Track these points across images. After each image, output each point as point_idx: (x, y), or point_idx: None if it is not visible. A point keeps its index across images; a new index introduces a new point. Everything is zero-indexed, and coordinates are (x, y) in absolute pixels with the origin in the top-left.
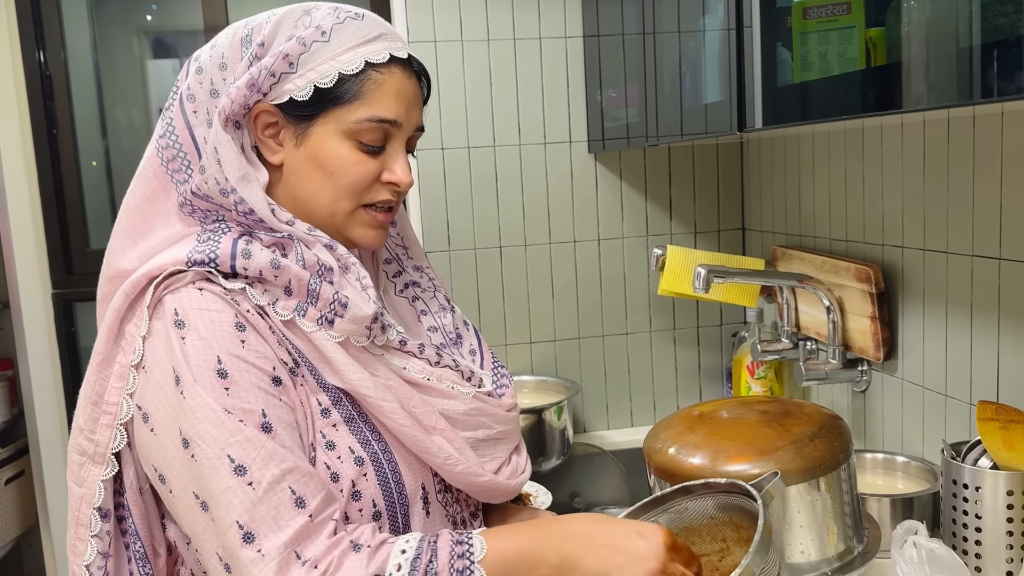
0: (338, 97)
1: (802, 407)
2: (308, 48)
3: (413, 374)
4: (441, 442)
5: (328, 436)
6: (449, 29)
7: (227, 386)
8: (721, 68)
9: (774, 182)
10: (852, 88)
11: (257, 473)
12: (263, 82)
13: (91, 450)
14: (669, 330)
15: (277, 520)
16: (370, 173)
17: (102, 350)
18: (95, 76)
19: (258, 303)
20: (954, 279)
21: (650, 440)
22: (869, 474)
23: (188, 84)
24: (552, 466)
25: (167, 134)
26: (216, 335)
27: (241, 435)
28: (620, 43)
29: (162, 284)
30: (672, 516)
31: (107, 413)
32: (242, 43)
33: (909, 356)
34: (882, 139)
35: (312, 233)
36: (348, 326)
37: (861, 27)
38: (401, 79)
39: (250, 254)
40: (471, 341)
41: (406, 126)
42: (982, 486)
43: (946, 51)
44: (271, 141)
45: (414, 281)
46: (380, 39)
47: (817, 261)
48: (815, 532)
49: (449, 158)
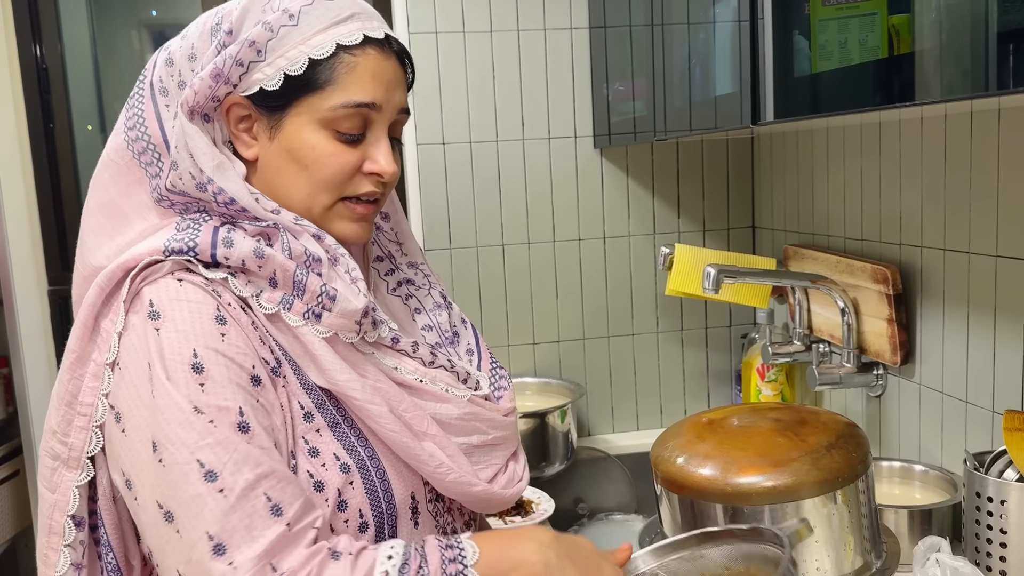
0: (310, 84)
1: (818, 415)
2: (276, 33)
3: (405, 375)
4: (432, 449)
5: (311, 442)
6: (451, 20)
7: (202, 381)
8: (733, 59)
9: (786, 178)
10: (874, 78)
11: (229, 479)
12: (230, 72)
13: (65, 454)
14: (676, 331)
15: (251, 530)
16: (349, 164)
17: (76, 347)
18: (94, 70)
19: (241, 295)
20: (976, 280)
21: (657, 448)
22: (885, 483)
23: (160, 76)
24: (555, 471)
25: (136, 126)
26: (194, 327)
27: (212, 437)
28: (627, 35)
29: (139, 276)
30: (683, 563)
31: (81, 415)
32: (211, 32)
33: (927, 360)
34: (900, 134)
35: (299, 222)
36: (336, 320)
37: (884, 14)
38: (377, 60)
39: (232, 242)
40: (468, 340)
41: (386, 109)
42: (1007, 499)
43: (976, 38)
44: (245, 135)
45: (408, 279)
46: (352, 19)
47: (831, 261)
48: (831, 547)
49: (451, 153)
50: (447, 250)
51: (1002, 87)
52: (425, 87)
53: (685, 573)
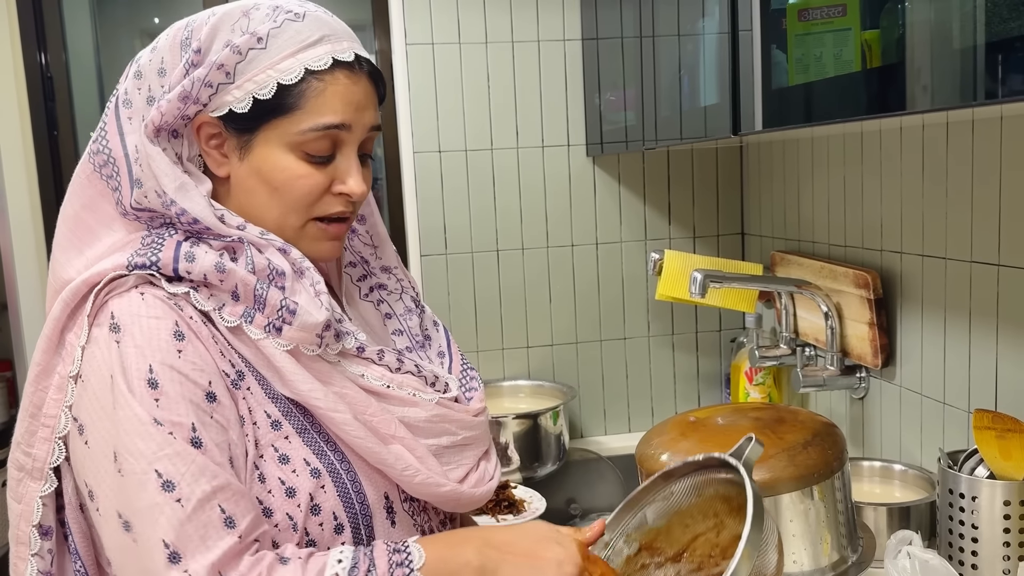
0: (278, 108)
1: (796, 414)
2: (244, 56)
3: (371, 382)
4: (400, 451)
5: (281, 449)
6: (447, 31)
7: (157, 397)
8: (719, 71)
9: (773, 187)
10: (847, 91)
11: (187, 489)
12: (199, 93)
13: (29, 465)
14: (667, 335)
15: (205, 540)
16: (319, 186)
17: (40, 360)
18: (97, 78)
19: (203, 308)
20: (952, 285)
21: (643, 446)
22: (867, 482)
23: (126, 88)
24: (548, 472)
25: (99, 139)
26: (151, 343)
27: (171, 448)
28: (619, 46)
29: (103, 290)
30: (659, 504)
31: (45, 426)
32: (181, 47)
33: (907, 363)
34: (881, 143)
35: (264, 236)
36: (296, 334)
37: (857, 29)
38: (346, 84)
39: (194, 257)
40: (440, 343)
41: (356, 128)
42: (979, 496)
43: (942, 53)
44: (216, 153)
45: (380, 283)
46: (321, 42)
47: (815, 266)
48: (808, 541)
49: (446, 161)
50: (443, 255)
51: (964, 100)
52: (421, 96)
53: (663, 513)
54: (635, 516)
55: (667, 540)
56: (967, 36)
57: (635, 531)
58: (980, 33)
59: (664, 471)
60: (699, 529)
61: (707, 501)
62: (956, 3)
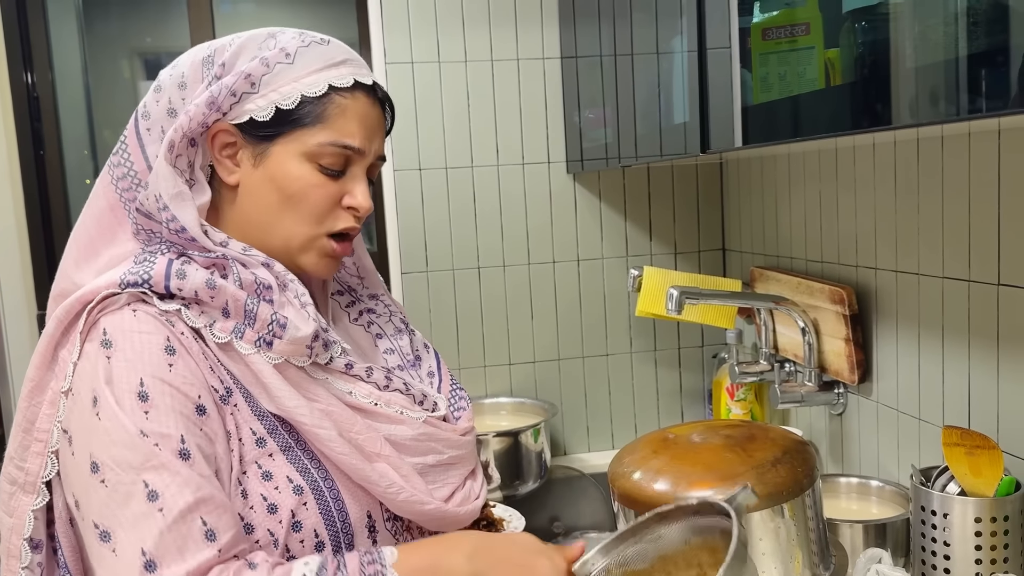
0: (300, 119)
1: (767, 431)
2: (271, 69)
3: (359, 399)
4: (385, 469)
5: (264, 466)
6: (426, 50)
7: (147, 409)
8: (689, 89)
9: (752, 203)
10: (811, 109)
11: (170, 500)
12: (223, 101)
13: (21, 479)
14: (650, 351)
15: (183, 551)
16: (330, 196)
17: (34, 376)
18: (85, 97)
19: (194, 325)
20: (925, 301)
21: (615, 465)
22: (844, 499)
23: (145, 101)
24: (529, 490)
25: (120, 151)
26: (142, 356)
27: (156, 460)
28: (598, 64)
29: (96, 308)
30: (646, 546)
31: (38, 440)
32: (203, 63)
33: (883, 379)
34: (855, 160)
35: (247, 253)
36: (287, 347)
37: (820, 48)
38: (365, 105)
39: (185, 274)
40: (430, 363)
41: (368, 154)
42: (950, 512)
43: (896, 72)
44: (228, 161)
45: (369, 308)
46: (345, 64)
47: (793, 282)
48: (779, 560)
49: (427, 179)
50: (424, 273)
51: (922, 118)
52: (402, 115)
53: (648, 555)
54: (620, 553)
55: None
56: (919, 56)
57: (617, 568)
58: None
59: (657, 511)
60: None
61: (693, 550)
62: (911, 23)
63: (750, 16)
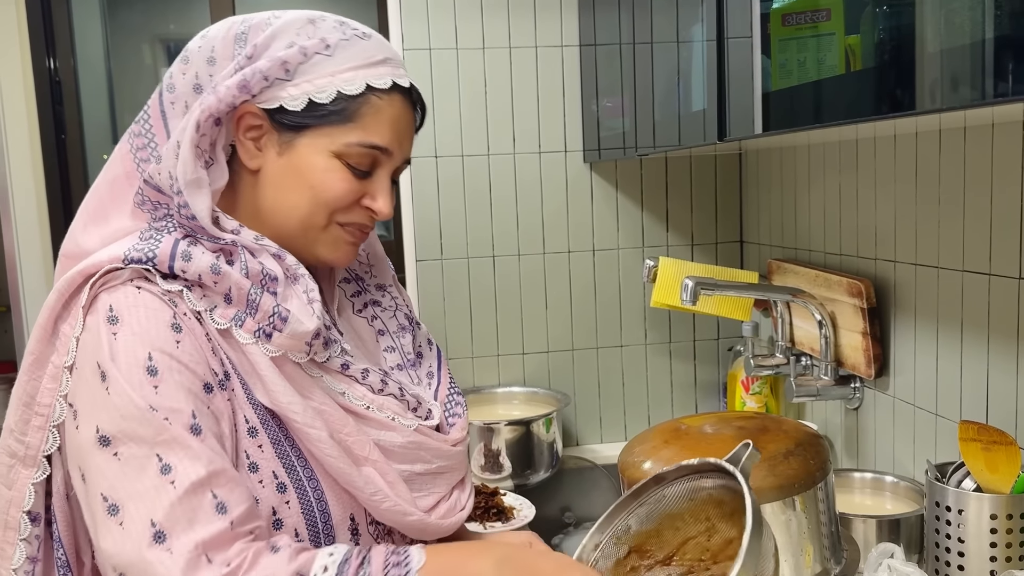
0: (333, 115)
1: (780, 423)
2: (309, 59)
3: (352, 401)
4: (371, 474)
5: (252, 457)
6: (444, 37)
7: (156, 384)
8: (707, 77)
9: (771, 194)
10: (831, 95)
11: (181, 474)
12: (254, 84)
13: (21, 452)
14: (665, 343)
15: (193, 523)
16: (353, 193)
17: (35, 350)
18: (107, 82)
19: (195, 308)
20: (945, 295)
21: (625, 454)
22: (857, 494)
23: (171, 72)
24: (540, 479)
25: (142, 120)
26: (149, 331)
27: (167, 434)
28: (616, 52)
29: (98, 282)
30: (651, 507)
31: (39, 415)
32: (235, 40)
33: (901, 373)
34: (875, 151)
35: (260, 242)
36: (286, 341)
37: (841, 34)
38: (400, 108)
39: (190, 256)
40: (431, 362)
41: (396, 156)
42: (965, 509)
43: (920, 56)
44: (251, 144)
45: (374, 300)
46: (385, 63)
47: (810, 275)
48: (789, 553)
49: (443, 166)
50: (438, 261)
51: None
52: None
53: (654, 516)
54: (626, 518)
55: (657, 543)
56: (943, 39)
57: (625, 533)
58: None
59: (656, 474)
60: (690, 532)
61: (699, 505)
62: (936, 6)
63: (770, 2)
